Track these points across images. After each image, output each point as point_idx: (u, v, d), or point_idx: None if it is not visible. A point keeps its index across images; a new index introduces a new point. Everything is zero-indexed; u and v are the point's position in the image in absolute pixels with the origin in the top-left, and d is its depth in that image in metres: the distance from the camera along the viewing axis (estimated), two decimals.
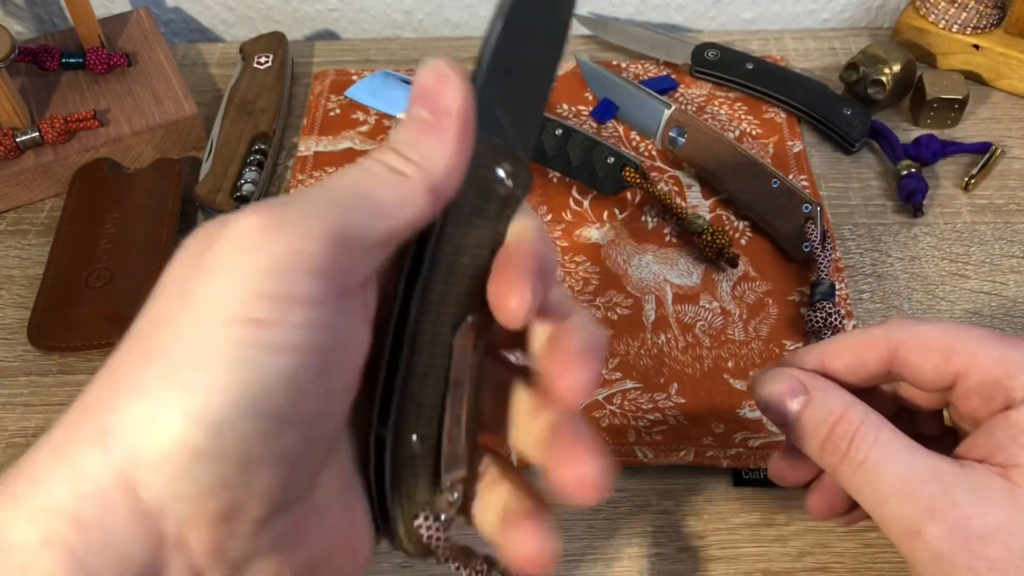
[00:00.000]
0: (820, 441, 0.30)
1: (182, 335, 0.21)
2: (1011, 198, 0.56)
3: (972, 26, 0.62)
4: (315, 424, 0.22)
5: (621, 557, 0.42)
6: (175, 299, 0.22)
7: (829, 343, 0.32)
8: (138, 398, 0.21)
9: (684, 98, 0.63)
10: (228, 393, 0.20)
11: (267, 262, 0.21)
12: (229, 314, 0.21)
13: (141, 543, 0.21)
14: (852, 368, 0.31)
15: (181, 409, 0.20)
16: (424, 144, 0.24)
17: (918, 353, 0.30)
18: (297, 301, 0.21)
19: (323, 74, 0.65)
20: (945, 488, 0.27)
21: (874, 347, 0.31)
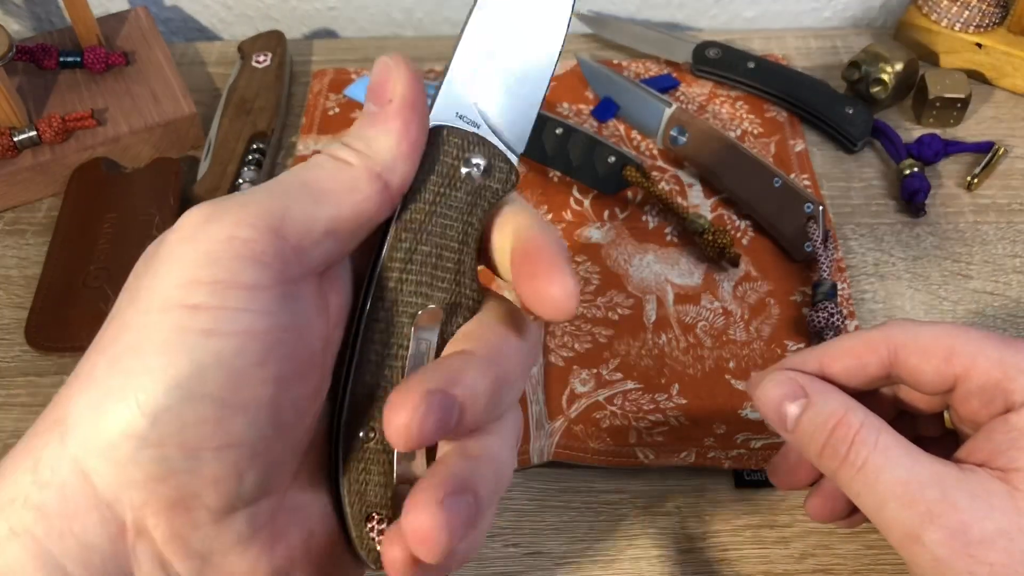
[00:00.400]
0: (819, 445, 0.30)
1: (126, 325, 0.22)
2: (1014, 197, 0.56)
3: (975, 25, 0.61)
4: (263, 411, 0.22)
5: (622, 559, 0.42)
6: (127, 295, 0.23)
7: (828, 346, 0.32)
8: (86, 388, 0.22)
9: (685, 97, 0.62)
10: (163, 376, 0.21)
11: (204, 249, 0.22)
12: (166, 300, 0.21)
13: (102, 531, 0.21)
14: (852, 371, 0.31)
15: (123, 396, 0.21)
16: (369, 133, 0.24)
17: (918, 356, 0.30)
18: (234, 286, 0.21)
19: (322, 73, 0.65)
20: (945, 492, 0.27)
21: (874, 350, 0.31)
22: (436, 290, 0.26)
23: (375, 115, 0.25)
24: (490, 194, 0.26)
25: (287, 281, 0.22)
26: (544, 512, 0.43)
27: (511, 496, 0.44)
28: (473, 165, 0.26)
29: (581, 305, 0.50)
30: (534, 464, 0.44)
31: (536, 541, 0.42)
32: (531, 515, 0.43)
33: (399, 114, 0.24)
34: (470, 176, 0.26)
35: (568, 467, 0.44)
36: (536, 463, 0.44)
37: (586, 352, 0.48)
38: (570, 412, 0.45)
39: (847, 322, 0.48)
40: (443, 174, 0.26)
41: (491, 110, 0.27)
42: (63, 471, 0.21)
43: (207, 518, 0.22)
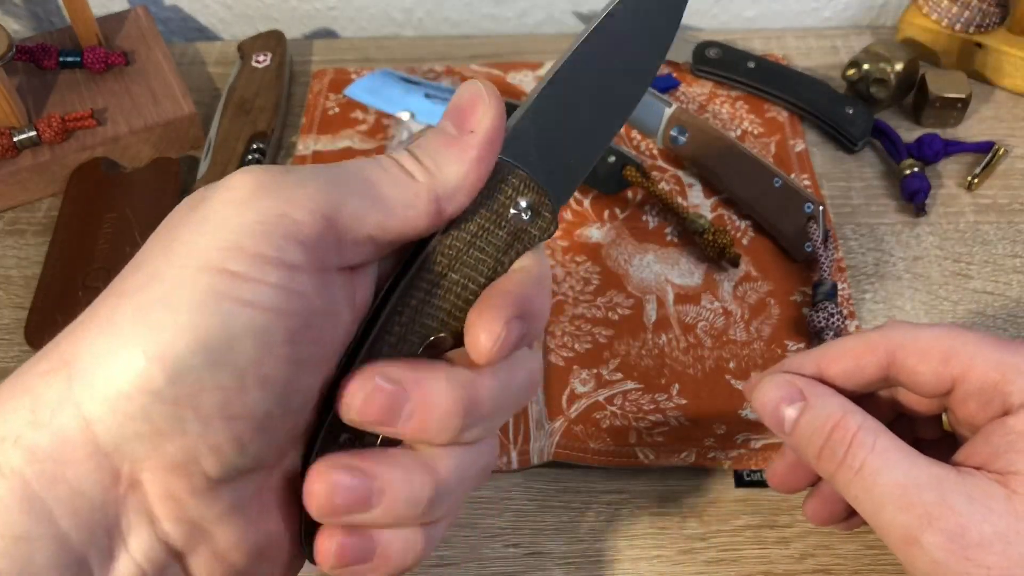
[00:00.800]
0: (817, 448, 0.30)
1: (158, 276, 0.22)
2: (1014, 197, 0.56)
3: (975, 25, 0.61)
4: (278, 390, 0.22)
5: (622, 559, 0.42)
6: (159, 244, 0.22)
7: (827, 348, 0.32)
8: (104, 332, 0.21)
9: (685, 97, 0.62)
10: (192, 337, 0.20)
11: (253, 219, 0.21)
12: (206, 261, 0.21)
13: (95, 479, 0.21)
14: (850, 373, 0.31)
15: (144, 347, 0.20)
16: (442, 155, 0.24)
17: (916, 357, 0.30)
18: (275, 263, 0.21)
19: (322, 73, 0.65)
20: (943, 495, 0.27)
21: (872, 351, 0.31)
22: (452, 319, 0.26)
23: (453, 140, 0.24)
24: (528, 239, 0.26)
25: (325, 269, 0.23)
26: (544, 512, 0.43)
27: (511, 496, 0.44)
28: (522, 208, 0.26)
29: (581, 305, 0.50)
30: (534, 464, 0.44)
31: (536, 541, 0.42)
32: (531, 515, 0.43)
33: (478, 147, 0.24)
34: (518, 217, 0.26)
35: (568, 467, 0.44)
36: (536, 463, 0.44)
37: (586, 352, 0.48)
38: (570, 412, 0.45)
39: (847, 322, 0.48)
40: (493, 210, 0.26)
41: (554, 156, 0.26)
42: (64, 415, 0.21)
43: (203, 484, 0.22)
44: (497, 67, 0.65)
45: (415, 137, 0.26)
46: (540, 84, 0.27)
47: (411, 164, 0.24)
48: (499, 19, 0.71)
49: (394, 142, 0.60)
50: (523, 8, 0.71)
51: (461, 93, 0.25)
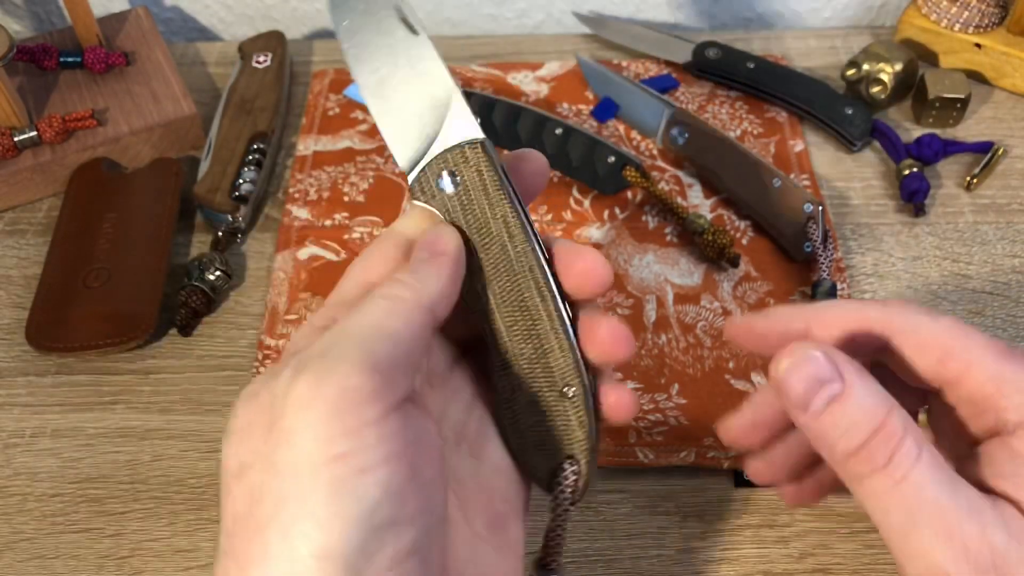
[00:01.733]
0: (853, 445, 0.26)
1: (283, 499, 0.24)
2: (1013, 198, 0.56)
3: (974, 25, 0.61)
4: (426, 513, 0.25)
5: (622, 559, 0.42)
6: (262, 474, 0.25)
7: (821, 309, 0.30)
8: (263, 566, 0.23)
9: (685, 97, 0.62)
10: (341, 524, 0.23)
11: (327, 408, 0.24)
12: (313, 463, 0.24)
13: None
14: (839, 343, 0.29)
15: (308, 553, 0.23)
16: (420, 271, 0.28)
17: (913, 349, 0.28)
18: (363, 426, 0.24)
19: (322, 73, 0.65)
20: (983, 529, 0.25)
21: (868, 329, 0.29)
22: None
23: (427, 260, 0.29)
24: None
25: (397, 405, 0.26)
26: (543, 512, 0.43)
27: None
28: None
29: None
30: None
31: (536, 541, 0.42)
32: (531, 515, 0.43)
33: (448, 263, 0.29)
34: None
35: None
36: None
37: None
38: None
39: None
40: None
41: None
42: None
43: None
44: (497, 67, 0.65)
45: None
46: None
47: (398, 288, 0.28)
48: (499, 19, 0.71)
49: None
50: (523, 8, 0.71)
51: (431, 233, 0.30)
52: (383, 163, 0.59)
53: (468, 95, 0.58)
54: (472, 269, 0.30)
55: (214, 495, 0.44)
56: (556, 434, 0.30)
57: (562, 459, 0.30)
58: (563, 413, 0.29)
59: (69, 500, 0.44)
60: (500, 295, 0.30)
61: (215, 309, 0.52)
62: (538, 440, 0.30)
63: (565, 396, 0.29)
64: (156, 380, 0.49)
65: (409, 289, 0.28)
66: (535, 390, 0.29)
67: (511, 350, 0.30)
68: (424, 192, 0.30)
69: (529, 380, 0.30)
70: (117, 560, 0.42)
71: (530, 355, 0.29)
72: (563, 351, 0.29)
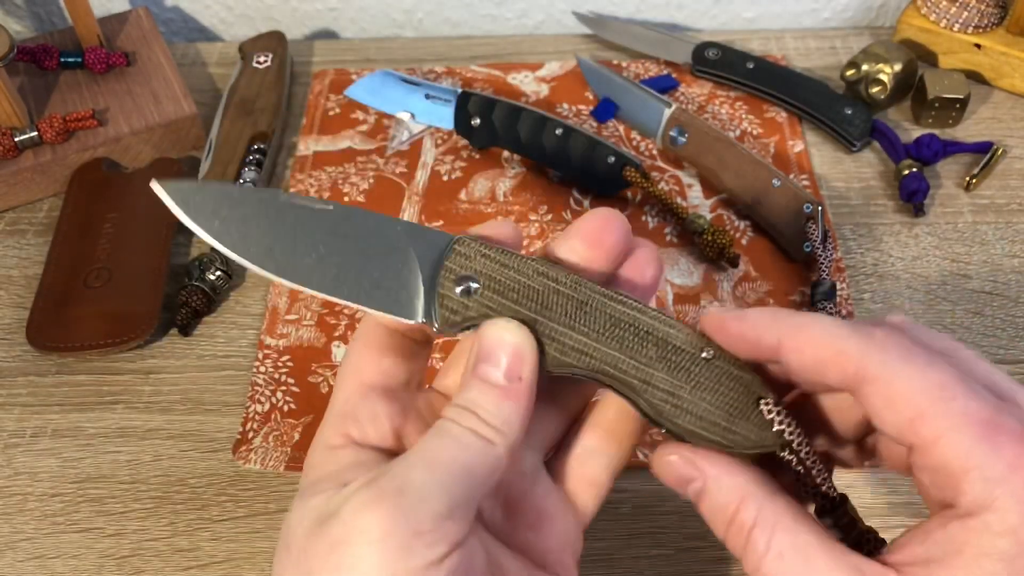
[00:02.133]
0: (721, 531, 0.28)
1: None
2: (1013, 198, 0.56)
3: (973, 25, 0.61)
4: None
5: (622, 558, 0.42)
6: None
7: (798, 328, 0.27)
8: None
9: (685, 97, 0.62)
10: None
11: (397, 546, 0.25)
12: None
13: None
14: (809, 369, 0.27)
15: None
16: (505, 410, 0.28)
17: (884, 401, 0.25)
18: (430, 565, 0.25)
19: (322, 73, 0.65)
20: None
21: (842, 365, 0.26)
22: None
23: (507, 390, 0.28)
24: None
25: (459, 541, 0.26)
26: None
27: None
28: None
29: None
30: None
31: None
32: None
33: (527, 393, 0.28)
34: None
35: None
36: None
37: None
38: None
39: None
40: None
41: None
42: None
43: None
44: (497, 67, 0.65)
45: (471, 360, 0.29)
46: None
47: (485, 430, 0.27)
48: (499, 19, 0.72)
49: (394, 142, 0.60)
50: (523, 8, 0.71)
51: (509, 344, 0.28)
52: (383, 163, 0.59)
53: (468, 95, 0.58)
54: (547, 336, 0.29)
55: (214, 495, 0.44)
56: (731, 394, 0.28)
57: (754, 408, 0.28)
58: (719, 373, 0.28)
59: (69, 500, 0.44)
60: (591, 332, 0.28)
61: (215, 309, 0.52)
62: (723, 414, 0.28)
63: (708, 360, 0.28)
64: (156, 380, 0.49)
65: (497, 433, 0.28)
66: (685, 376, 0.28)
67: (638, 362, 0.28)
68: (455, 314, 0.29)
69: (675, 373, 0.28)
70: (117, 560, 0.42)
71: (655, 352, 0.28)
72: (675, 326, 0.28)
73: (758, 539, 0.26)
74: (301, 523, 0.26)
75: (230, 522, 0.43)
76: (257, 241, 0.29)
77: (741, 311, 0.29)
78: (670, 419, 0.28)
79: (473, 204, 0.56)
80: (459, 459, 0.27)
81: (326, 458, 0.28)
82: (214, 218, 0.29)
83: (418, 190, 0.57)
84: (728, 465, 0.28)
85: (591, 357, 0.28)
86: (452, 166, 0.59)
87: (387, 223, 0.30)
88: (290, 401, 0.47)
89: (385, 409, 0.29)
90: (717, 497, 0.28)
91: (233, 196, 0.29)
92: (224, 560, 0.42)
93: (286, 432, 0.46)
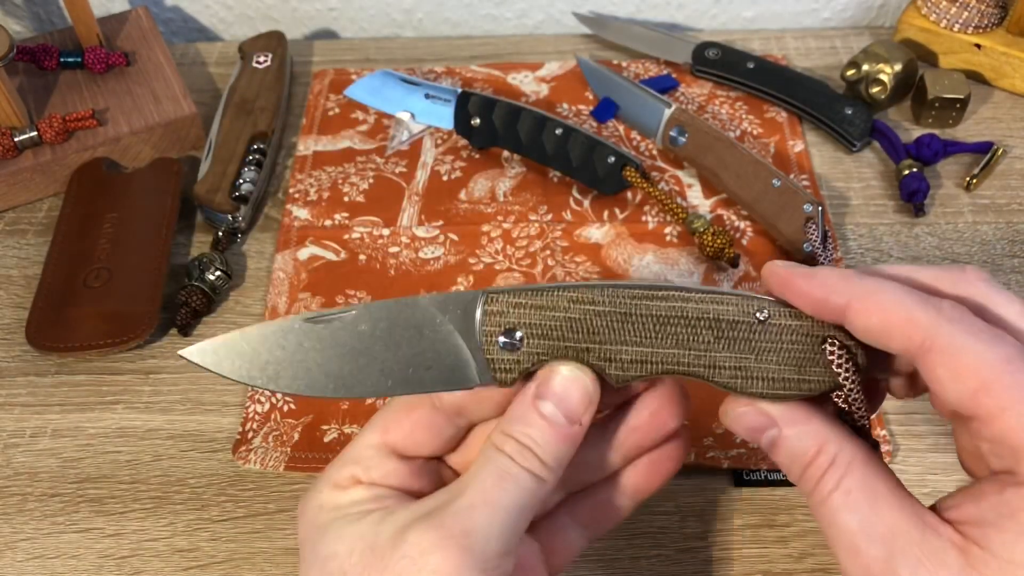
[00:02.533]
0: (795, 476, 0.29)
1: None
2: (1013, 198, 0.56)
3: (974, 25, 0.61)
4: None
5: (621, 558, 0.42)
6: None
7: (869, 292, 0.27)
8: None
9: (685, 97, 0.62)
10: None
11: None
12: None
13: None
14: (875, 334, 0.27)
15: None
16: (561, 451, 0.29)
17: (948, 371, 0.26)
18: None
19: (322, 73, 0.65)
20: (892, 554, 0.26)
21: (909, 333, 0.26)
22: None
23: (568, 433, 0.29)
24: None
25: (512, 570, 0.28)
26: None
27: None
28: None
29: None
30: None
31: None
32: None
33: (581, 438, 0.29)
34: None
35: None
36: None
37: None
38: None
39: None
40: None
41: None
42: None
43: None
44: (497, 67, 0.65)
45: (541, 385, 0.30)
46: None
47: (540, 469, 0.29)
48: (499, 19, 0.72)
49: (394, 142, 0.60)
50: (523, 8, 0.71)
51: (573, 386, 0.29)
52: (383, 163, 0.59)
53: (468, 95, 0.58)
54: (604, 359, 0.29)
55: (214, 495, 0.44)
56: (795, 346, 0.28)
57: (820, 350, 0.28)
58: (778, 330, 0.28)
59: (69, 500, 0.44)
60: (644, 340, 0.29)
61: (215, 309, 0.52)
62: (792, 368, 0.28)
63: (763, 322, 0.28)
64: (156, 380, 0.49)
65: (549, 471, 0.29)
66: (746, 347, 0.29)
67: (697, 351, 0.29)
68: (509, 372, 0.29)
69: (735, 348, 0.28)
70: (117, 560, 0.42)
71: (711, 336, 0.29)
72: (723, 300, 0.29)
73: (831, 477, 0.27)
74: (351, 552, 0.28)
75: (230, 522, 0.43)
76: (297, 372, 0.29)
77: (808, 268, 0.29)
78: (746, 390, 0.29)
79: (473, 204, 0.56)
80: (518, 501, 0.28)
81: (336, 496, 0.29)
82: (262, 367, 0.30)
83: (418, 190, 0.57)
84: (803, 411, 0.29)
85: (651, 364, 0.29)
86: (452, 166, 0.59)
87: (410, 304, 0.30)
88: (290, 401, 0.47)
89: (398, 467, 0.31)
90: (796, 444, 0.28)
91: (252, 338, 0.30)
92: (224, 560, 0.42)
93: (286, 432, 0.46)
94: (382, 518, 0.28)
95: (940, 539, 0.26)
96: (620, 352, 0.29)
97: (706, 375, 0.29)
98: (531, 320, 0.29)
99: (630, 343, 0.29)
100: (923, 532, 0.26)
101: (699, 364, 0.29)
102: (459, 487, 0.28)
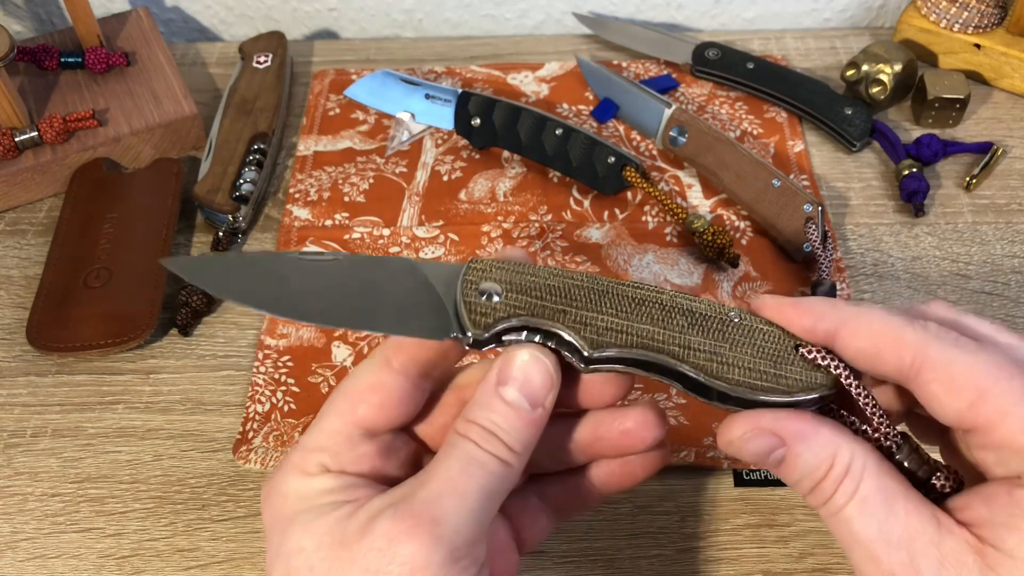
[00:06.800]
0: (806, 490, 0.28)
1: None
2: (1012, 198, 0.56)
3: (973, 25, 0.61)
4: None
5: (622, 558, 0.42)
6: None
7: (856, 315, 0.28)
8: None
9: (685, 97, 0.62)
10: None
11: (438, 566, 0.26)
12: None
13: None
14: (866, 357, 0.28)
15: None
16: (526, 436, 0.29)
17: (943, 386, 0.26)
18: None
19: (322, 73, 0.65)
20: (912, 556, 0.26)
21: (899, 353, 0.27)
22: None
23: (531, 418, 0.29)
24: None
25: (485, 556, 0.28)
26: None
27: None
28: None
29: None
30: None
31: None
32: None
33: (545, 421, 0.30)
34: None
35: None
36: None
37: None
38: None
39: None
40: None
41: None
42: None
43: None
44: (497, 67, 0.65)
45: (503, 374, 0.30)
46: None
47: (506, 454, 0.29)
48: (499, 19, 0.72)
49: (394, 142, 0.60)
50: (523, 8, 0.71)
51: (534, 371, 0.29)
52: (383, 163, 0.59)
53: (468, 95, 0.58)
54: (580, 323, 0.29)
55: (214, 495, 0.44)
56: (769, 343, 0.29)
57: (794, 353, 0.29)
58: (750, 329, 0.29)
59: (69, 500, 0.44)
60: (620, 312, 0.29)
61: (215, 309, 0.52)
62: (768, 362, 0.29)
63: (737, 322, 0.29)
64: (156, 380, 0.49)
65: (515, 456, 0.29)
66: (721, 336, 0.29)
67: (672, 332, 0.29)
68: (485, 316, 0.29)
69: (710, 335, 0.29)
70: (117, 560, 0.42)
71: (685, 321, 0.29)
72: (696, 300, 0.30)
73: (846, 487, 0.27)
74: (319, 547, 0.27)
75: (230, 522, 0.43)
76: (274, 293, 0.30)
77: (795, 298, 0.30)
78: (720, 376, 0.28)
79: (473, 204, 0.56)
80: (486, 487, 0.28)
81: (304, 484, 0.29)
82: (232, 284, 0.30)
83: (418, 190, 0.57)
84: (808, 421, 0.28)
85: (626, 334, 0.29)
86: (452, 166, 0.59)
87: (396, 261, 0.31)
88: (290, 401, 0.47)
89: (367, 450, 0.30)
90: (808, 461, 0.27)
91: (241, 262, 0.31)
92: (224, 560, 0.42)
93: (286, 432, 0.46)
94: (351, 512, 0.28)
95: (956, 540, 0.26)
96: (596, 319, 0.29)
97: (680, 355, 0.29)
98: (511, 280, 0.30)
99: (606, 313, 0.29)
100: (939, 532, 0.26)
101: (674, 344, 0.29)
102: (426, 476, 0.28)
